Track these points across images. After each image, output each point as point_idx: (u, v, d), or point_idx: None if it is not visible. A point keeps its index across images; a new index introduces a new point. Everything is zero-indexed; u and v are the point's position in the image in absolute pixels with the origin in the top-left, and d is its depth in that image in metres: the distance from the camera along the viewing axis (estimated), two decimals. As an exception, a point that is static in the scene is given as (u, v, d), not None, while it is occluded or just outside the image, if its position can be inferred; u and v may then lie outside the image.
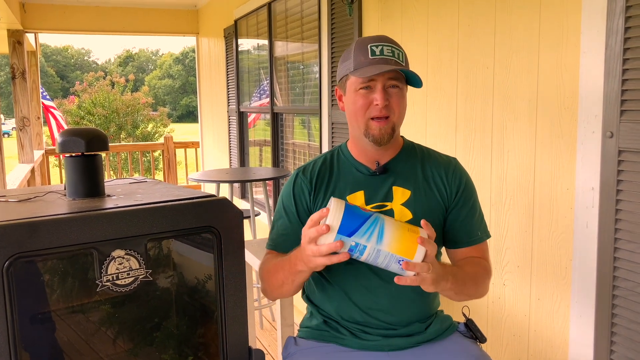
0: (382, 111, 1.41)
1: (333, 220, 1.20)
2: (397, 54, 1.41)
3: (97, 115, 15.06)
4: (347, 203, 1.25)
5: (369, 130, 1.44)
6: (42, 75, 7.06)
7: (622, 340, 1.65)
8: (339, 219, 1.20)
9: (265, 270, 1.51)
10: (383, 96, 1.40)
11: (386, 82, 1.41)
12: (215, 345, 1.36)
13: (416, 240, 1.19)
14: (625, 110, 1.57)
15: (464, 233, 1.51)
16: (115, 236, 1.18)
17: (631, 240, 1.59)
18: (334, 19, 3.26)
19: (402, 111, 1.45)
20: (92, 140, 1.34)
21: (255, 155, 5.49)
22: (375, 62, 1.39)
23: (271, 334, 3.37)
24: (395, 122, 1.44)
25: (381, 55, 1.39)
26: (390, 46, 1.42)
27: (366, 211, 1.25)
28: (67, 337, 1.22)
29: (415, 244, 1.19)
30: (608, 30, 1.59)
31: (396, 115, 1.43)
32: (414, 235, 1.20)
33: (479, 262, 1.51)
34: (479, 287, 1.47)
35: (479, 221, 1.54)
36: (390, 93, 1.41)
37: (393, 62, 1.39)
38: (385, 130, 1.42)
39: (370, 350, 1.49)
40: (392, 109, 1.42)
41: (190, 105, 41.95)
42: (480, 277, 1.48)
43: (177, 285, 1.35)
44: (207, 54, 6.74)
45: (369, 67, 1.39)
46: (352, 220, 1.20)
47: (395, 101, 1.42)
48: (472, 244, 1.52)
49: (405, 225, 1.24)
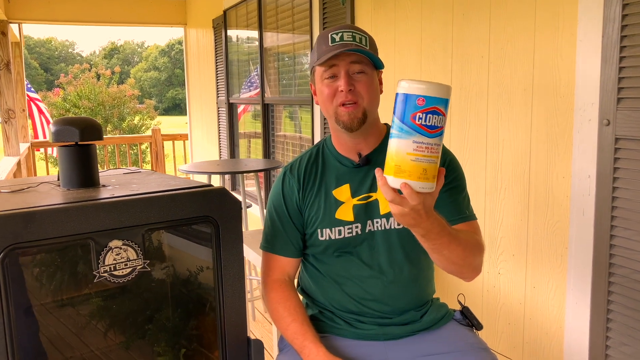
0: (347, 96, 1.39)
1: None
2: (358, 39, 1.40)
3: (82, 107, 14.88)
4: None
5: (338, 117, 1.42)
6: (25, 67, 6.95)
7: (617, 327, 1.66)
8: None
9: (276, 315, 1.51)
10: (346, 81, 1.39)
11: (349, 67, 1.39)
12: (210, 338, 1.35)
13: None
14: (622, 98, 1.57)
15: (451, 211, 1.45)
16: (112, 226, 1.16)
17: (627, 228, 1.60)
18: (326, 9, 3.24)
19: (372, 96, 1.42)
20: (87, 129, 1.32)
21: (245, 147, 5.46)
22: (334, 48, 1.38)
23: (264, 326, 3.36)
24: (366, 107, 1.41)
25: (341, 41, 1.39)
26: (351, 32, 1.40)
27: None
28: (63, 329, 1.20)
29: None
30: (605, 17, 1.59)
31: (365, 100, 1.41)
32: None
33: (470, 234, 1.46)
34: (468, 255, 1.36)
35: (465, 202, 1.51)
36: (355, 79, 1.40)
37: (353, 47, 1.38)
38: (355, 114, 1.40)
39: (366, 339, 1.49)
40: (359, 94, 1.40)
41: (176, 98, 41.64)
42: (471, 246, 1.38)
43: (173, 277, 1.34)
44: (195, 45, 6.67)
45: (328, 53, 1.38)
46: None
47: (362, 86, 1.40)
48: (462, 221, 1.46)
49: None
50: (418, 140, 1.02)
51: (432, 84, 1.03)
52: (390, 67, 2.68)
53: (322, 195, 1.48)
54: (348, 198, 1.46)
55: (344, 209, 1.46)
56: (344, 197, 1.47)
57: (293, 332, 1.44)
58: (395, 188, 1.07)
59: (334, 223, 1.46)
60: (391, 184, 1.06)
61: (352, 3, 2.94)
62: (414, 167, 1.03)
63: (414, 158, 1.03)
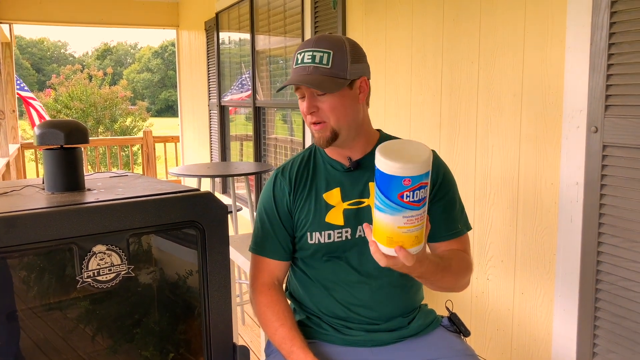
0: (312, 118, 1.40)
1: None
2: (318, 58, 1.37)
3: (74, 109, 14.80)
4: None
5: (312, 134, 1.45)
6: (17, 68, 6.90)
7: (605, 334, 1.66)
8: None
9: (264, 319, 1.49)
10: (308, 104, 1.39)
11: (309, 90, 1.39)
12: (198, 342, 1.34)
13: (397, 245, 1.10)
14: (610, 105, 1.58)
15: (443, 226, 1.48)
16: (96, 231, 1.15)
17: (615, 235, 1.60)
18: (318, 13, 3.24)
19: (339, 115, 1.40)
20: (72, 132, 1.31)
21: (236, 149, 5.44)
22: (296, 71, 1.39)
23: (253, 330, 3.34)
24: (334, 126, 1.40)
25: (301, 64, 1.39)
26: (312, 51, 1.38)
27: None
28: (46, 335, 1.18)
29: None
30: (593, 25, 1.60)
31: (332, 120, 1.40)
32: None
33: (461, 255, 1.49)
34: (459, 280, 1.44)
35: (459, 213, 1.52)
36: (320, 99, 1.39)
37: (311, 69, 1.37)
38: (323, 134, 1.41)
39: (353, 345, 1.48)
40: (324, 114, 1.40)
41: (169, 100, 41.50)
42: (462, 270, 1.45)
43: (160, 281, 1.33)
44: (187, 47, 6.65)
45: (290, 77, 1.40)
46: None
47: (327, 107, 1.39)
48: (453, 237, 1.49)
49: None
50: (407, 215, 1.03)
51: (417, 164, 1.01)
52: (381, 71, 2.68)
53: (312, 199, 1.48)
54: (338, 202, 1.46)
55: (334, 213, 1.46)
56: (334, 200, 1.46)
57: (281, 337, 1.43)
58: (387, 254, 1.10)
59: (324, 227, 1.45)
60: (385, 251, 1.09)
61: (343, 7, 2.94)
62: (406, 237, 1.06)
63: (405, 230, 1.05)
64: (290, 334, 1.42)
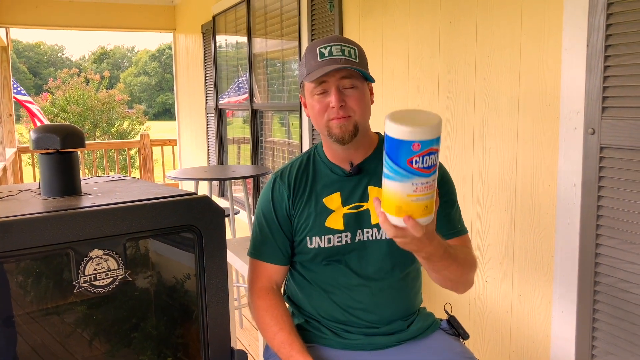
0: (339, 112, 1.38)
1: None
2: (347, 52, 1.38)
3: (71, 112, 14.80)
4: None
5: (330, 130, 1.41)
6: (13, 72, 6.88)
7: (603, 336, 1.66)
8: None
9: (263, 323, 1.48)
10: (337, 98, 1.37)
11: (339, 82, 1.37)
12: (196, 346, 1.33)
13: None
14: (607, 107, 1.58)
15: (444, 226, 1.47)
16: (92, 236, 1.15)
17: (613, 237, 1.60)
18: (314, 15, 3.24)
19: (363, 109, 1.41)
20: (68, 137, 1.30)
21: (234, 153, 5.44)
22: (323, 63, 1.36)
23: (251, 334, 3.34)
24: (358, 121, 1.40)
25: (330, 56, 1.37)
26: (340, 45, 1.38)
27: None
28: (43, 340, 1.18)
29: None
30: (590, 27, 1.60)
31: (357, 114, 1.40)
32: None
33: (467, 250, 1.48)
34: (464, 274, 1.39)
35: (457, 215, 1.52)
36: (346, 93, 1.38)
37: (343, 61, 1.36)
38: (347, 127, 1.39)
39: (352, 349, 1.48)
40: (351, 109, 1.39)
41: (166, 103, 41.46)
42: (468, 263, 1.41)
43: (157, 286, 1.32)
44: (184, 50, 6.65)
45: (318, 70, 1.37)
46: None
47: (354, 101, 1.39)
48: (455, 235, 1.48)
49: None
50: (417, 182, 1.00)
51: (427, 127, 0.99)
52: (378, 73, 2.68)
53: (312, 203, 1.47)
54: (339, 206, 1.45)
55: (334, 217, 1.45)
56: (334, 205, 1.46)
57: (280, 342, 1.42)
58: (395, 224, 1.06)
59: (324, 231, 1.45)
60: (393, 222, 1.05)
61: (340, 10, 2.94)
62: (415, 206, 1.03)
63: (414, 199, 1.02)
64: (289, 338, 1.41)
